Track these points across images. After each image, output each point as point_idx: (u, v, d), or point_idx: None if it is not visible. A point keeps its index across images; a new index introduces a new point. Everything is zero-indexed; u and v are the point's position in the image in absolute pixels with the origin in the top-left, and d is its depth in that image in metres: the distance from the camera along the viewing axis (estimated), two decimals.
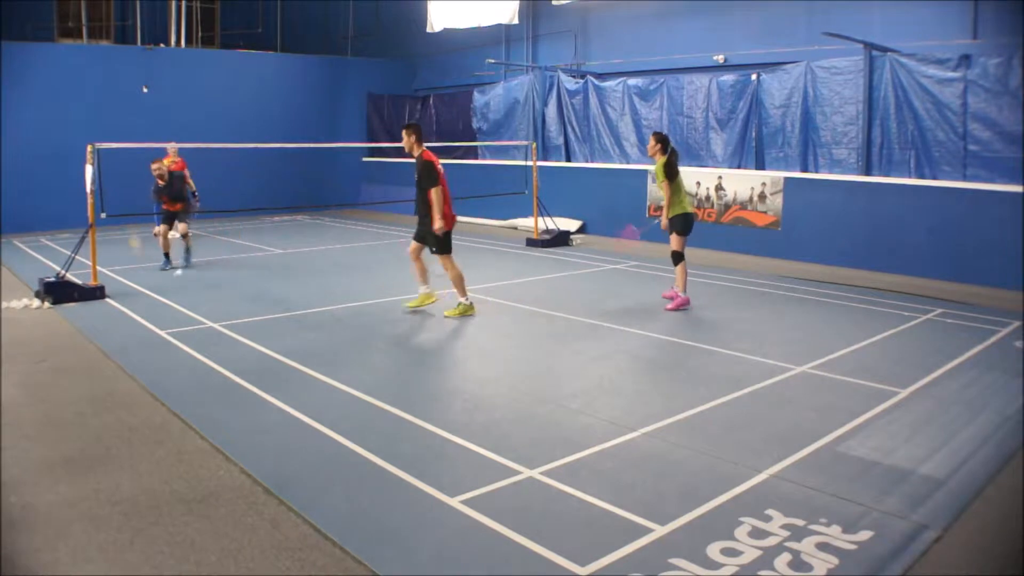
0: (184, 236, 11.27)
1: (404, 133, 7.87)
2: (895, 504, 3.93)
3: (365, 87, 20.39)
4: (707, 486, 4.11)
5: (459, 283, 7.98)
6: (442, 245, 7.85)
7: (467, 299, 8.01)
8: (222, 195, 15.05)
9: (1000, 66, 10.30)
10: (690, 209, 8.41)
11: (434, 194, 7.64)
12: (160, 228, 11.17)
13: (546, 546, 3.48)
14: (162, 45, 18.29)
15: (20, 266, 11.23)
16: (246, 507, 3.91)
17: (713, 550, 3.46)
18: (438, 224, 7.67)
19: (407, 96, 20.69)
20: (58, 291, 8.68)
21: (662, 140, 8.39)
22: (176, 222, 11.13)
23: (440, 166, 7.80)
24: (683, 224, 8.34)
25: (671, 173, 8.21)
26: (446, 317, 7.88)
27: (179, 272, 10.68)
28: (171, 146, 13.07)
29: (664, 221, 8.32)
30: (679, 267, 8.37)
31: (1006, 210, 9.90)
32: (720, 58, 14.23)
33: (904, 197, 11.01)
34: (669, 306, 8.31)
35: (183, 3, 18.82)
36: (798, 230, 12.15)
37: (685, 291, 8.37)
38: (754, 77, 13.08)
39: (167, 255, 10.95)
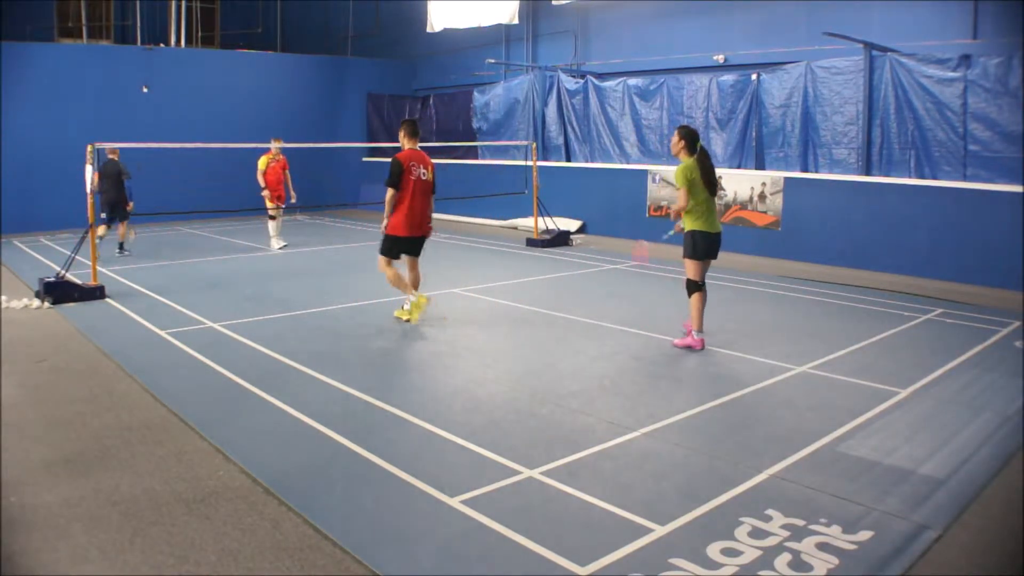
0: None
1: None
2: (895, 504, 3.93)
3: (365, 87, 20.39)
4: (707, 486, 4.11)
5: (396, 283, 7.70)
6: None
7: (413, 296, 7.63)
8: (222, 195, 15.08)
9: (1000, 66, 10.31)
10: (706, 227, 6.69)
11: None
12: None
13: (546, 546, 3.48)
14: (162, 45, 18.30)
15: (20, 266, 11.23)
16: (246, 507, 3.91)
17: (713, 550, 3.46)
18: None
19: (407, 96, 20.70)
20: (58, 291, 8.67)
21: (687, 136, 6.70)
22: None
23: (410, 168, 7.44)
24: (691, 244, 6.75)
25: (692, 180, 6.59)
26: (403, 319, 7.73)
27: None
28: (275, 145, 12.91)
29: (679, 225, 6.83)
30: (692, 298, 6.80)
31: (1006, 210, 9.90)
32: (720, 58, 14.23)
33: (904, 197, 11.01)
34: (676, 341, 6.92)
35: (183, 3, 18.83)
36: (798, 230, 12.15)
37: (700, 330, 6.80)
38: (754, 77, 13.09)
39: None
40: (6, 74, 15.03)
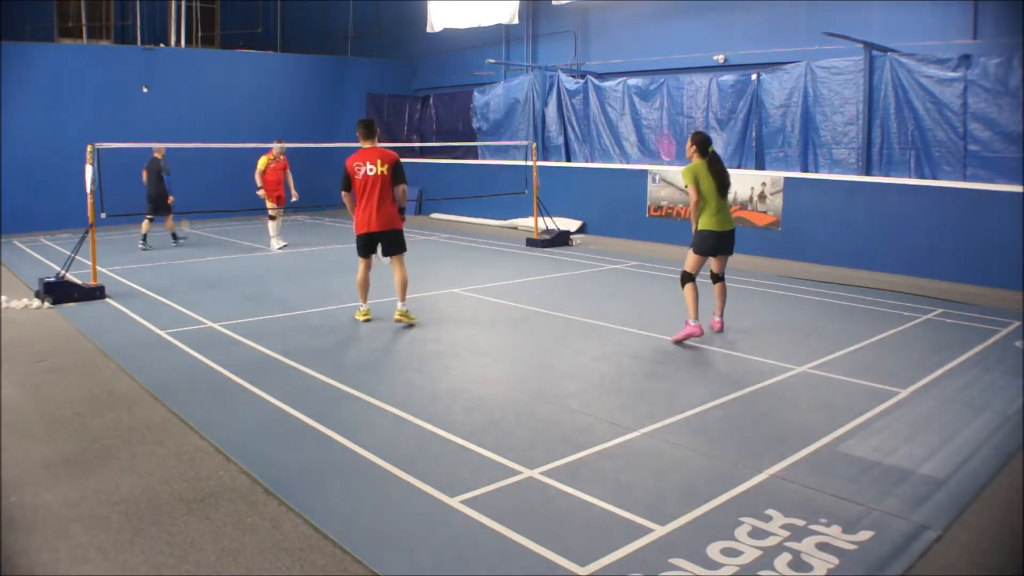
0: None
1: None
2: (895, 504, 3.93)
3: (365, 87, 20.37)
4: (707, 486, 4.10)
5: (359, 287, 7.90)
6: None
7: (363, 305, 7.94)
8: (222, 195, 15.06)
9: (1000, 66, 10.30)
10: (712, 226, 7.01)
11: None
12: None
13: (546, 546, 3.48)
14: (162, 45, 18.28)
15: (20, 266, 11.23)
16: (246, 507, 3.91)
17: (713, 550, 3.46)
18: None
19: (407, 96, 20.70)
20: (58, 291, 8.67)
21: (699, 142, 7.06)
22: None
23: (354, 169, 7.56)
24: (697, 240, 7.10)
25: (697, 179, 6.94)
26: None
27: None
28: (278, 146, 12.92)
29: (695, 226, 7.11)
30: (686, 289, 7.09)
31: (1006, 210, 9.90)
32: (720, 58, 14.23)
33: (904, 197, 11.01)
34: (674, 337, 7.06)
35: (183, 3, 18.82)
36: (798, 230, 12.14)
37: (696, 317, 6.98)
38: (754, 77, 13.09)
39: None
40: (6, 74, 15.02)
